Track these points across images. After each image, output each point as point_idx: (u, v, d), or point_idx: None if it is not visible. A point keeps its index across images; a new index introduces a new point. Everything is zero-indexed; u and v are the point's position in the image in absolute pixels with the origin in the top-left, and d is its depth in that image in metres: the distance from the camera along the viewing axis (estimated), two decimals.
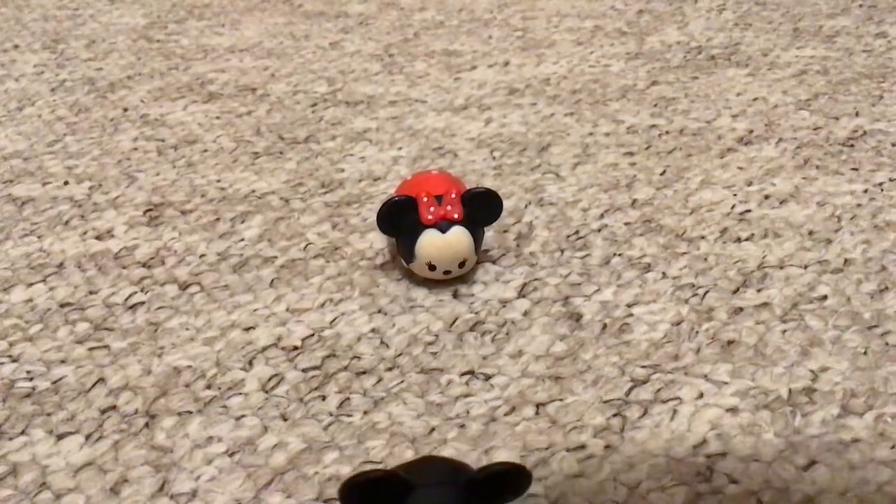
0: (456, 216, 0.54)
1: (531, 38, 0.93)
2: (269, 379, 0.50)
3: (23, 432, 0.47)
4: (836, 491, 0.41)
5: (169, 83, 0.87)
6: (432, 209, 0.54)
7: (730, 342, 0.50)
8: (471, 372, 0.50)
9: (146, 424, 0.47)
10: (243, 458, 0.45)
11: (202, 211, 0.66)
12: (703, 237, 0.60)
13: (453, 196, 0.54)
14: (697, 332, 0.51)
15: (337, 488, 0.36)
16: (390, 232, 0.56)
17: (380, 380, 0.49)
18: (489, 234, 0.60)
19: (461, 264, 0.55)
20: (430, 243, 0.54)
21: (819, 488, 0.42)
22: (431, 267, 0.55)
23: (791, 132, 0.72)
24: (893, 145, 0.69)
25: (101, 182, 0.70)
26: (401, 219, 0.54)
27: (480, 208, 0.55)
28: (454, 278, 0.56)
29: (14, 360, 0.52)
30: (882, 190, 0.63)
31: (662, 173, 0.67)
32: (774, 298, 0.54)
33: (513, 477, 0.37)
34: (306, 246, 0.61)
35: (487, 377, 0.49)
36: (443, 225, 0.54)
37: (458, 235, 0.54)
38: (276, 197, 0.67)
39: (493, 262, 0.58)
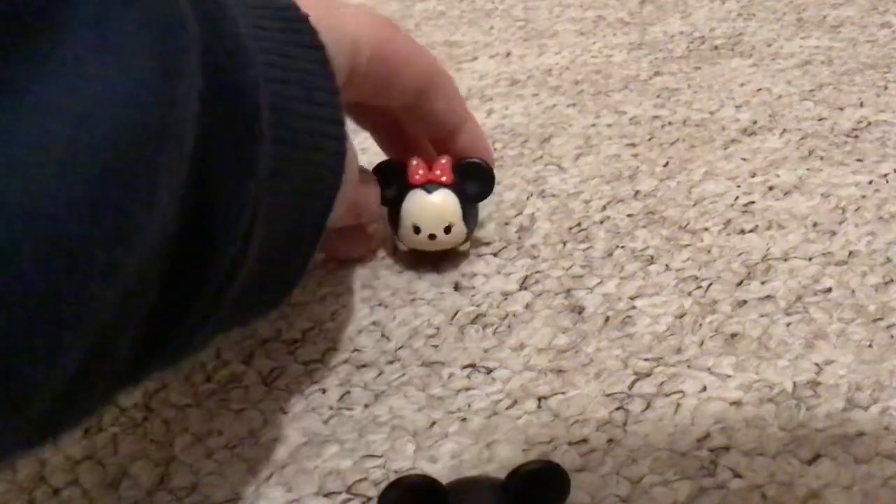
0: (444, 179, 0.53)
1: (533, 28, 0.92)
2: (270, 372, 0.49)
3: None
4: (841, 485, 0.41)
5: None
6: (420, 172, 0.53)
7: (733, 335, 0.50)
8: (472, 365, 0.49)
9: (145, 418, 0.47)
10: (243, 452, 0.45)
11: None
12: (706, 229, 0.59)
13: (444, 162, 0.53)
14: (701, 325, 0.51)
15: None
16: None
17: (381, 373, 0.49)
18: (490, 226, 0.59)
19: (447, 229, 0.53)
20: (415, 204, 0.53)
21: (824, 482, 0.41)
22: (416, 230, 0.53)
23: (795, 123, 0.71)
24: None
25: None
26: (390, 185, 0.53)
27: (472, 179, 0.54)
28: (453, 274, 0.56)
29: None
30: (887, 181, 0.63)
31: (665, 164, 0.67)
32: (778, 291, 0.53)
33: (550, 476, 0.36)
34: None
35: (489, 370, 0.49)
36: (429, 186, 0.53)
37: (445, 198, 0.53)
38: None
39: (495, 255, 0.58)
